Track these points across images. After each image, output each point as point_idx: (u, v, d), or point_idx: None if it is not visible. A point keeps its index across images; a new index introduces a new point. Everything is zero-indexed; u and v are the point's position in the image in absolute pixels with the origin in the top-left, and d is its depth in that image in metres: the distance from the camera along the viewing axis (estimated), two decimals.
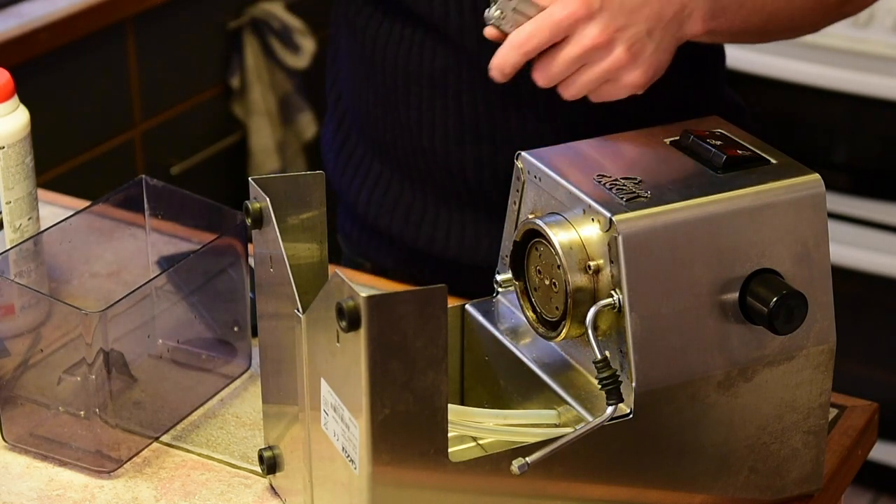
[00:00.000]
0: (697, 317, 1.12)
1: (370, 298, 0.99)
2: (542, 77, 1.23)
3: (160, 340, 1.33)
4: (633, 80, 1.24)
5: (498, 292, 1.24)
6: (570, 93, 1.24)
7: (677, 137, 1.20)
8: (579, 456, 1.11)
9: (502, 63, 1.22)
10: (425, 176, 1.47)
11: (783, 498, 1.20)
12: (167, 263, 1.38)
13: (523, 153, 1.20)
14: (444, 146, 1.44)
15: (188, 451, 1.28)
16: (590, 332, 1.10)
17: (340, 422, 1.06)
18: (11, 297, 1.29)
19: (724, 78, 1.54)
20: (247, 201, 1.15)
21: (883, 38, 2.61)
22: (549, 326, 1.17)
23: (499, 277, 1.22)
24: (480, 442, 1.20)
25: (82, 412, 1.24)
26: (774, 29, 1.36)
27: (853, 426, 1.30)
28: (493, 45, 1.24)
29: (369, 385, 1.01)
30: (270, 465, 1.20)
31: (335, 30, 1.55)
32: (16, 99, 1.39)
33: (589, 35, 1.21)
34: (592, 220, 1.11)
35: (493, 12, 1.22)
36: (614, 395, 1.09)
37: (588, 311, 1.11)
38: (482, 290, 1.27)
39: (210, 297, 1.34)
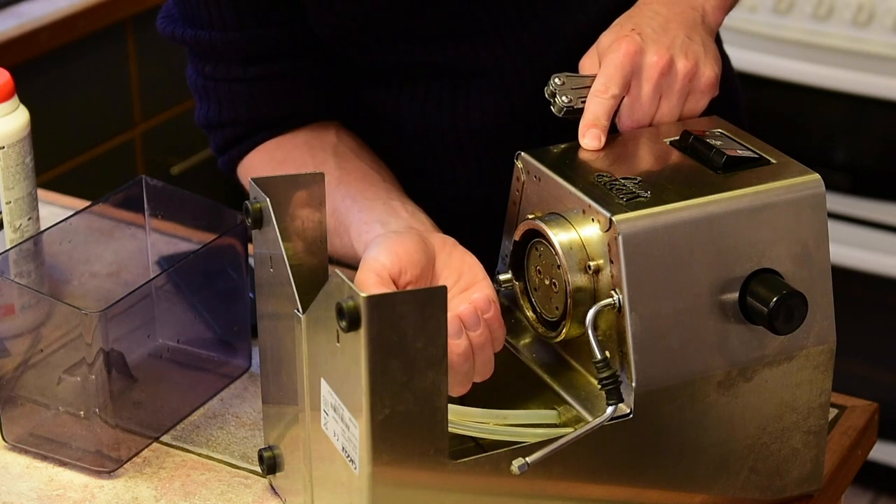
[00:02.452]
0: (697, 317, 1.12)
1: (370, 298, 0.99)
2: (633, 123, 1.25)
3: (160, 340, 1.33)
4: (706, 80, 1.26)
5: (498, 292, 1.24)
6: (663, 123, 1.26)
7: (677, 137, 1.20)
8: (579, 456, 1.11)
9: (594, 117, 1.21)
10: (447, 212, 1.47)
11: (783, 498, 1.20)
12: (167, 263, 1.38)
13: (523, 153, 1.20)
14: (483, 189, 1.46)
15: (188, 451, 1.28)
16: (590, 332, 1.10)
17: (340, 422, 1.06)
18: (11, 297, 1.29)
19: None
20: (247, 201, 1.15)
21: (883, 38, 2.60)
22: (549, 326, 1.17)
23: (499, 277, 1.22)
24: (480, 442, 1.20)
25: (82, 412, 1.24)
26: None
27: (853, 426, 1.30)
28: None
29: (369, 385, 1.01)
30: (270, 465, 1.20)
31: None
32: (16, 99, 1.39)
33: (650, 63, 1.23)
34: (592, 220, 1.11)
35: (561, 101, 1.23)
36: (614, 395, 1.09)
37: (588, 311, 1.11)
38: None
39: (210, 297, 1.34)
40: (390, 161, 1.46)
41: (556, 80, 1.23)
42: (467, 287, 1.18)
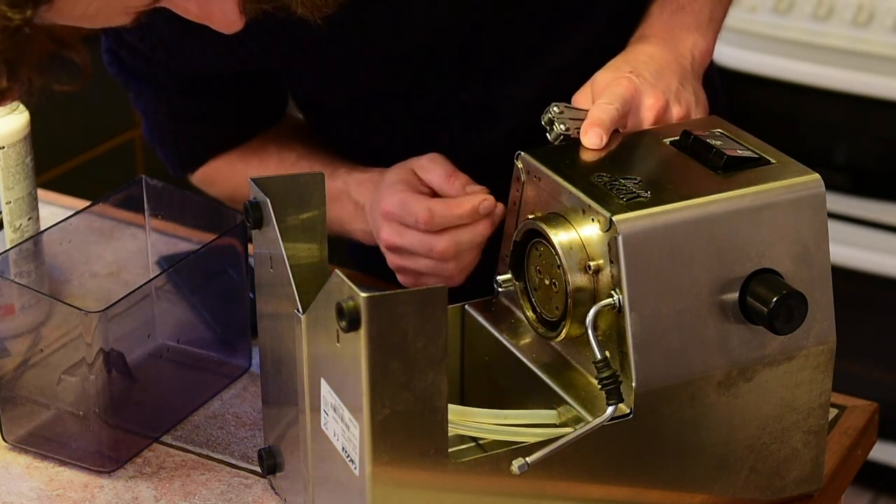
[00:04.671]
0: (697, 317, 1.12)
1: (370, 298, 0.99)
2: None
3: (160, 340, 1.33)
4: None
5: (498, 292, 1.24)
6: None
7: (677, 137, 1.20)
8: (579, 456, 1.11)
9: (598, 119, 1.21)
10: None
11: (783, 498, 1.20)
12: (167, 263, 1.38)
13: (523, 153, 1.20)
14: None
15: (188, 451, 1.28)
16: (590, 332, 1.10)
17: (340, 422, 1.06)
18: (11, 297, 1.29)
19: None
20: (247, 201, 1.15)
21: (883, 38, 2.60)
22: (549, 326, 1.17)
23: (499, 277, 1.22)
24: (480, 442, 1.20)
25: (82, 412, 1.24)
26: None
27: (853, 426, 1.30)
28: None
29: (369, 385, 1.01)
30: (270, 465, 1.20)
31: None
32: None
33: (648, 105, 1.24)
34: (592, 220, 1.11)
35: (558, 128, 1.23)
36: (614, 395, 1.09)
37: (588, 311, 1.11)
38: (482, 290, 1.27)
39: (210, 297, 1.34)
40: None
41: (555, 108, 1.23)
42: None
